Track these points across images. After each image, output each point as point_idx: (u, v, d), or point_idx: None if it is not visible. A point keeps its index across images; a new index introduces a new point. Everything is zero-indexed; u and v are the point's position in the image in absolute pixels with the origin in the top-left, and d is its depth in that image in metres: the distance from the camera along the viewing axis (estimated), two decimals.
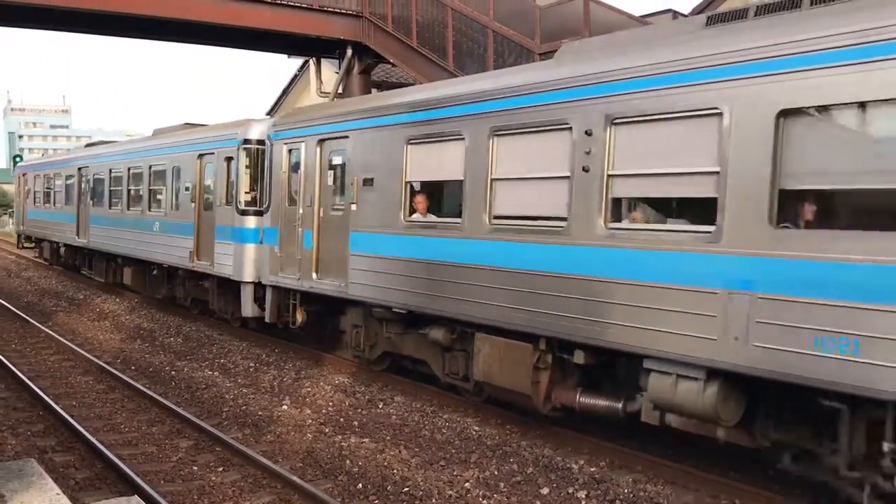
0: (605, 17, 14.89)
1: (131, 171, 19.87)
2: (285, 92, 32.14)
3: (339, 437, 9.26)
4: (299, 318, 13.11)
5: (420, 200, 10.66)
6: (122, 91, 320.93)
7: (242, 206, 14.33)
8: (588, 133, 8.06)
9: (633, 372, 7.99)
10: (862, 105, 6.10)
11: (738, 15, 7.48)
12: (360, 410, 10.45)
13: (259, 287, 14.14)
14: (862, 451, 6.36)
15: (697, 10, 19.08)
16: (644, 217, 8.07)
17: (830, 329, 6.11)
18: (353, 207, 11.48)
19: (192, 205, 16.35)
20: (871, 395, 5.93)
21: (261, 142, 14.21)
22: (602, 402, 8.51)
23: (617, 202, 8.05)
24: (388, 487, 7.72)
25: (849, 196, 6.60)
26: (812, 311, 6.21)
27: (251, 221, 14.21)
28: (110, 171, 21.38)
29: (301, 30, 20.05)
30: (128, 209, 19.92)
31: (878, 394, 5.87)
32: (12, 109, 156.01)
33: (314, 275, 12.37)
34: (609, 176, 7.91)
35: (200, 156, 16.20)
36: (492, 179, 9.23)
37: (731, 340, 6.73)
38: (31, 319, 17.21)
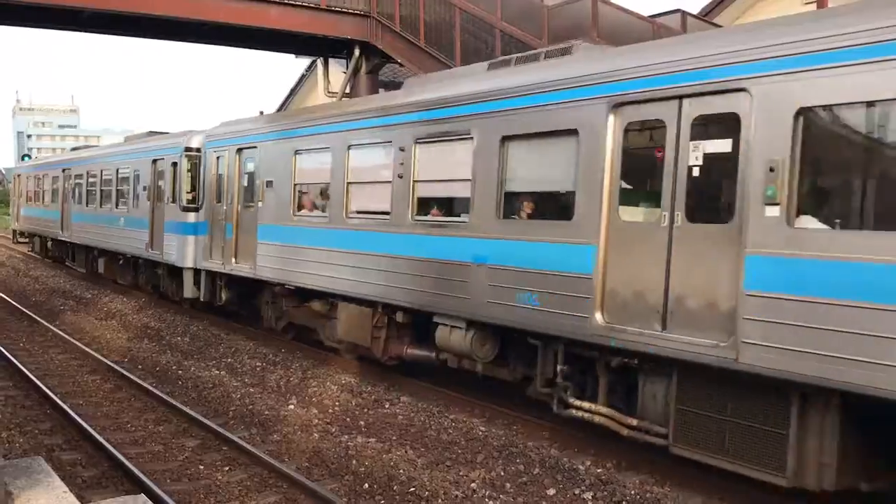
0: (615, 17, 14.85)
1: (103, 174, 22.69)
2: (293, 92, 32.17)
3: (346, 436, 9.26)
4: (224, 296, 15.91)
5: (308, 199, 13.10)
6: (130, 90, 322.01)
7: (184, 204, 16.52)
8: (402, 150, 10.64)
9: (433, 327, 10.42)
10: (539, 135, 8.87)
11: (506, 63, 10.23)
12: (366, 410, 10.44)
13: (198, 272, 16.68)
14: (551, 374, 8.88)
15: (705, 12, 19.05)
16: (441, 212, 10.48)
17: (527, 288, 8.70)
18: (260, 205, 14.08)
19: (148, 203, 19.03)
20: (549, 332, 8.59)
21: (199, 150, 16.48)
22: (422, 353, 11.12)
23: (421, 201, 10.57)
24: (395, 487, 7.70)
25: (539, 196, 9.30)
26: (519, 275, 8.84)
27: (191, 217, 16.55)
28: (88, 173, 24.12)
29: (308, 29, 20.06)
30: (100, 207, 22.76)
31: (551, 332, 8.54)
32: (21, 109, 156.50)
33: (233, 260, 14.98)
34: (414, 181, 10.53)
35: (154, 161, 18.75)
36: (348, 183, 11.79)
37: (475, 299, 9.39)
38: (39, 318, 17.26)
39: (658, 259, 7.44)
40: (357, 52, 20.91)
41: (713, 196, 7.46)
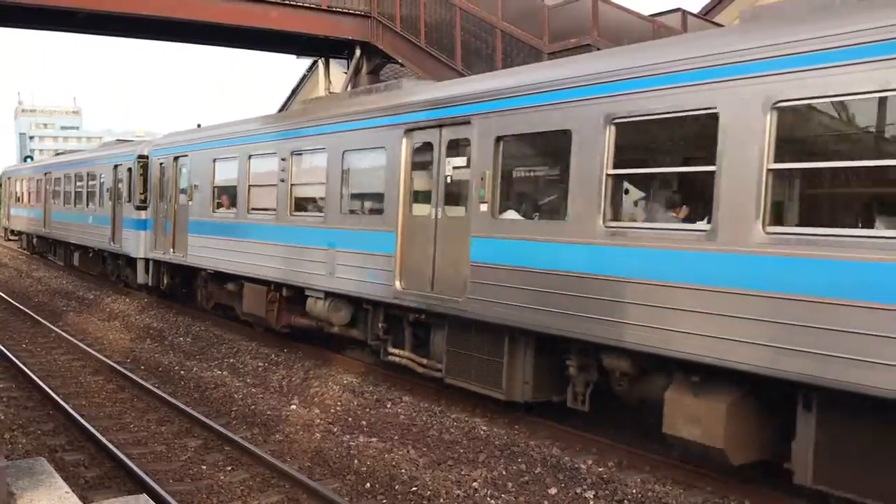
0: (616, 16, 14.85)
1: (76, 177, 25.76)
2: (294, 92, 32.21)
3: (348, 436, 9.27)
4: (165, 281, 18.73)
5: (224, 198, 15.68)
6: (131, 92, 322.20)
7: (137, 203, 19.32)
8: (283, 160, 13.45)
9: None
10: (364, 150, 11.71)
11: (358, 93, 13.38)
12: (368, 410, 10.45)
13: (148, 262, 19.43)
14: (379, 330, 11.68)
15: (706, 11, 19.03)
16: (309, 209, 13.17)
17: (358, 265, 11.53)
18: (190, 203, 16.76)
19: (110, 202, 21.89)
20: (372, 298, 11.48)
21: (148, 157, 19.31)
22: (306, 321, 13.40)
23: (296, 200, 13.38)
24: (397, 487, 7.72)
25: (366, 196, 12.13)
26: (353, 256, 11.62)
27: (143, 214, 19.25)
28: (64, 176, 27.29)
29: (309, 30, 20.09)
30: (74, 206, 25.78)
31: (373, 297, 11.41)
32: (23, 111, 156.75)
33: (171, 250, 17.65)
34: (291, 185, 13.35)
35: (115, 166, 21.58)
36: (249, 185, 14.70)
37: (329, 275, 12.09)
38: (41, 319, 17.30)
39: (430, 241, 10.33)
40: (358, 52, 20.94)
41: (458, 197, 10.17)
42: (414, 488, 7.66)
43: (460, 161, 10.00)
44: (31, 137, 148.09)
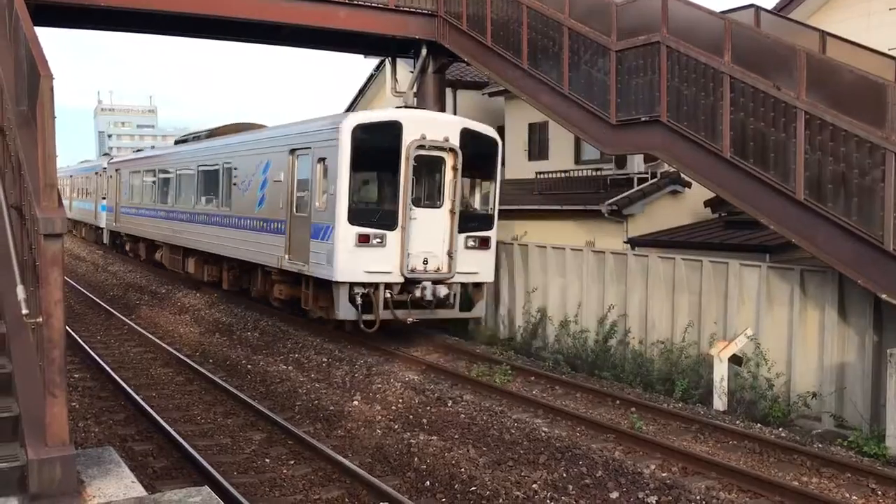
0: (686, 13, 14.51)
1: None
2: (361, 91, 32.44)
3: (408, 434, 9.30)
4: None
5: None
6: (205, 91, 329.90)
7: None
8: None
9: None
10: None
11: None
12: (429, 408, 10.46)
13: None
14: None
15: (780, 7, 18.49)
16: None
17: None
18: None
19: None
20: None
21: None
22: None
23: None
24: (456, 486, 7.71)
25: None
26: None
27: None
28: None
29: (376, 29, 20.16)
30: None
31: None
32: (102, 110, 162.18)
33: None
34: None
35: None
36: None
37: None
38: (115, 312, 17.84)
39: None
40: (424, 51, 20.94)
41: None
42: (473, 488, 7.64)
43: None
44: (110, 136, 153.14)
